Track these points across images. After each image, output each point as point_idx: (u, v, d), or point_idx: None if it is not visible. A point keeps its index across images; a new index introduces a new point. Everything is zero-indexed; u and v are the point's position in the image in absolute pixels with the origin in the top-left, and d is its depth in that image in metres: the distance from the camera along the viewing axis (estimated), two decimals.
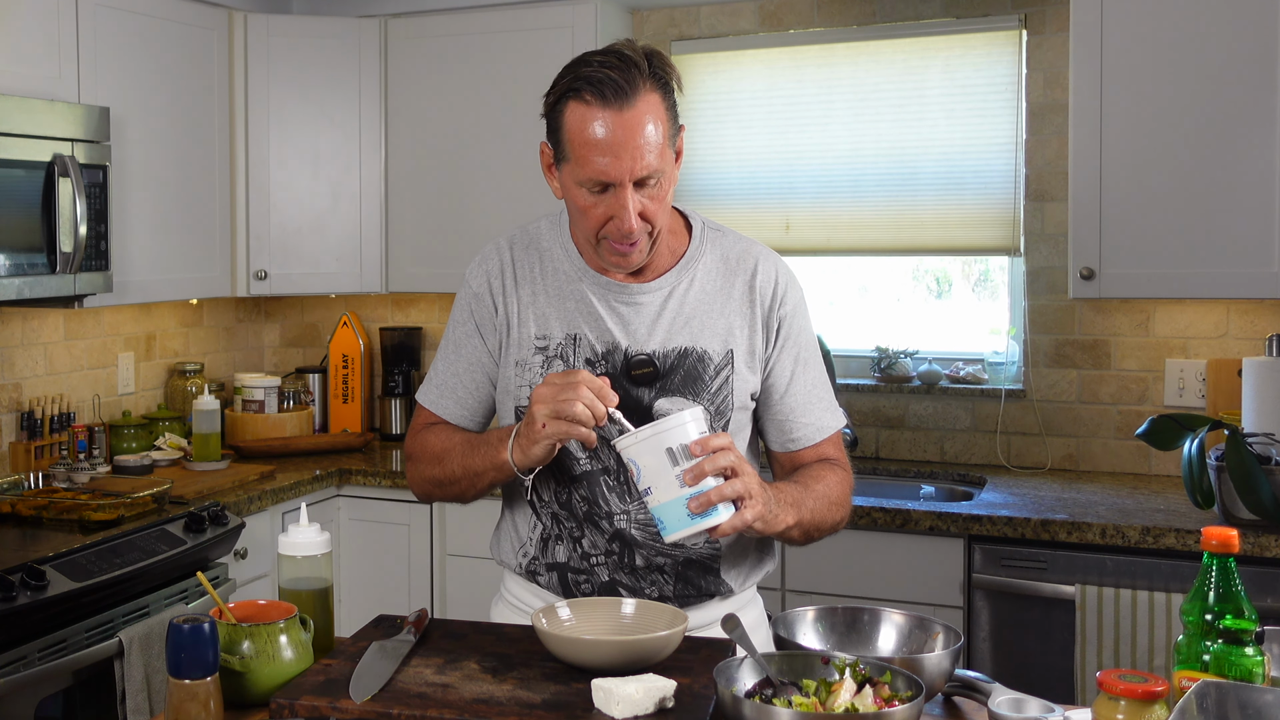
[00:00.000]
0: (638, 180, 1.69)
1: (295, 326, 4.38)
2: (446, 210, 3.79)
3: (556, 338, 1.83)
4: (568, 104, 1.69)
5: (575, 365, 1.82)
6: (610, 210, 1.71)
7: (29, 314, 3.33)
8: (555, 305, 1.85)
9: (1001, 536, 2.89)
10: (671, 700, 1.44)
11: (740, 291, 1.85)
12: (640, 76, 1.67)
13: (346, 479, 3.56)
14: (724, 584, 1.87)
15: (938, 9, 3.54)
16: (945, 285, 3.87)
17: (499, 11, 3.69)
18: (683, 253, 1.86)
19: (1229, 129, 2.94)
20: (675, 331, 1.82)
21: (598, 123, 1.66)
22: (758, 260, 1.88)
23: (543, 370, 1.83)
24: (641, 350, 1.81)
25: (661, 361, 1.80)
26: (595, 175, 1.68)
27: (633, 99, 1.66)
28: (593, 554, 1.83)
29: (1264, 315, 3.23)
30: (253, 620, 1.58)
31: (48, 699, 2.45)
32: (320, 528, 1.75)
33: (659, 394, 1.80)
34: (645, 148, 1.67)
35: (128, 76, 3.25)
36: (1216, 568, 1.43)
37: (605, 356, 1.81)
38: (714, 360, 1.82)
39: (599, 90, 1.66)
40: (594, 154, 1.67)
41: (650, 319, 1.82)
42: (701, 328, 1.82)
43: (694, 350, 1.81)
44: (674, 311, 1.82)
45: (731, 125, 3.79)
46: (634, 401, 1.80)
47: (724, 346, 1.82)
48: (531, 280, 1.87)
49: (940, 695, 1.60)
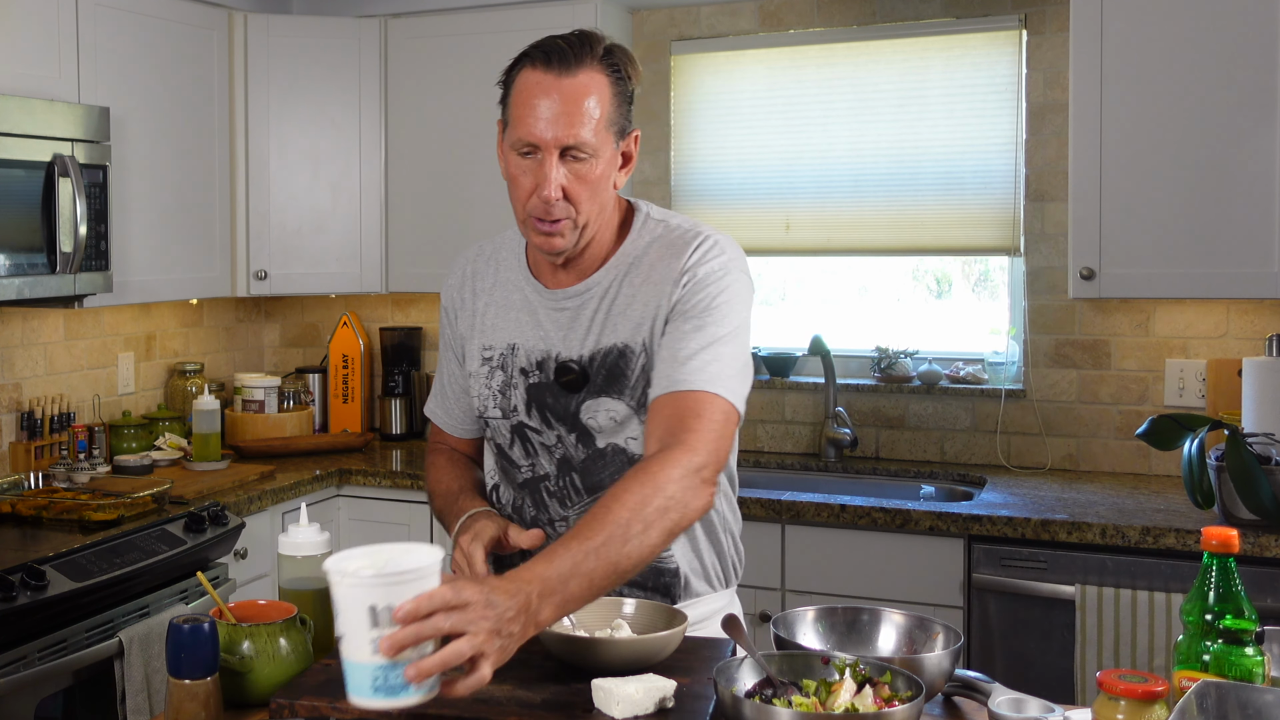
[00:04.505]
0: (566, 150, 1.67)
1: (295, 326, 4.38)
2: (446, 210, 3.79)
3: (499, 347, 1.86)
4: (520, 70, 1.72)
5: (512, 374, 1.83)
6: (535, 179, 1.69)
7: (29, 314, 3.33)
8: (503, 314, 1.87)
9: (1001, 536, 2.88)
10: (671, 700, 1.44)
11: (664, 276, 1.76)
12: (590, 54, 1.69)
13: (346, 479, 3.56)
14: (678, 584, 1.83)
15: (938, 9, 3.54)
16: (945, 285, 3.87)
17: (499, 11, 3.69)
18: (615, 250, 1.82)
19: (1229, 129, 2.94)
20: (600, 332, 1.78)
21: (537, 84, 1.68)
22: (690, 244, 1.77)
23: (487, 380, 1.86)
24: (570, 357, 1.79)
25: (589, 365, 1.78)
26: (525, 135, 1.68)
27: (576, 69, 1.68)
28: None
29: (1264, 315, 3.23)
30: (253, 620, 1.58)
31: (48, 699, 2.45)
32: (320, 528, 1.75)
33: (585, 397, 1.79)
34: (577, 117, 1.67)
35: (128, 76, 3.25)
36: (1216, 568, 1.43)
37: (539, 365, 1.82)
38: (634, 351, 1.77)
39: (546, 56, 1.69)
40: (528, 114, 1.68)
41: (571, 322, 1.80)
42: (625, 323, 1.77)
43: (616, 347, 1.78)
44: (604, 312, 1.79)
45: (731, 125, 3.79)
46: (564, 409, 1.80)
47: (638, 336, 1.76)
48: (488, 290, 1.90)
49: (940, 695, 1.60)
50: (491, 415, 1.86)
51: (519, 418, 1.83)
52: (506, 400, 1.84)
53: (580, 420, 1.79)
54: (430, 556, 1.28)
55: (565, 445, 1.82)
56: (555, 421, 1.81)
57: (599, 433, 1.79)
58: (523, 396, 1.83)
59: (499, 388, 1.85)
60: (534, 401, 1.82)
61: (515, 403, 1.83)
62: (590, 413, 1.79)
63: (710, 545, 1.87)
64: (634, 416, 1.79)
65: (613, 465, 1.81)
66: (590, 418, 1.79)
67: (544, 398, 1.81)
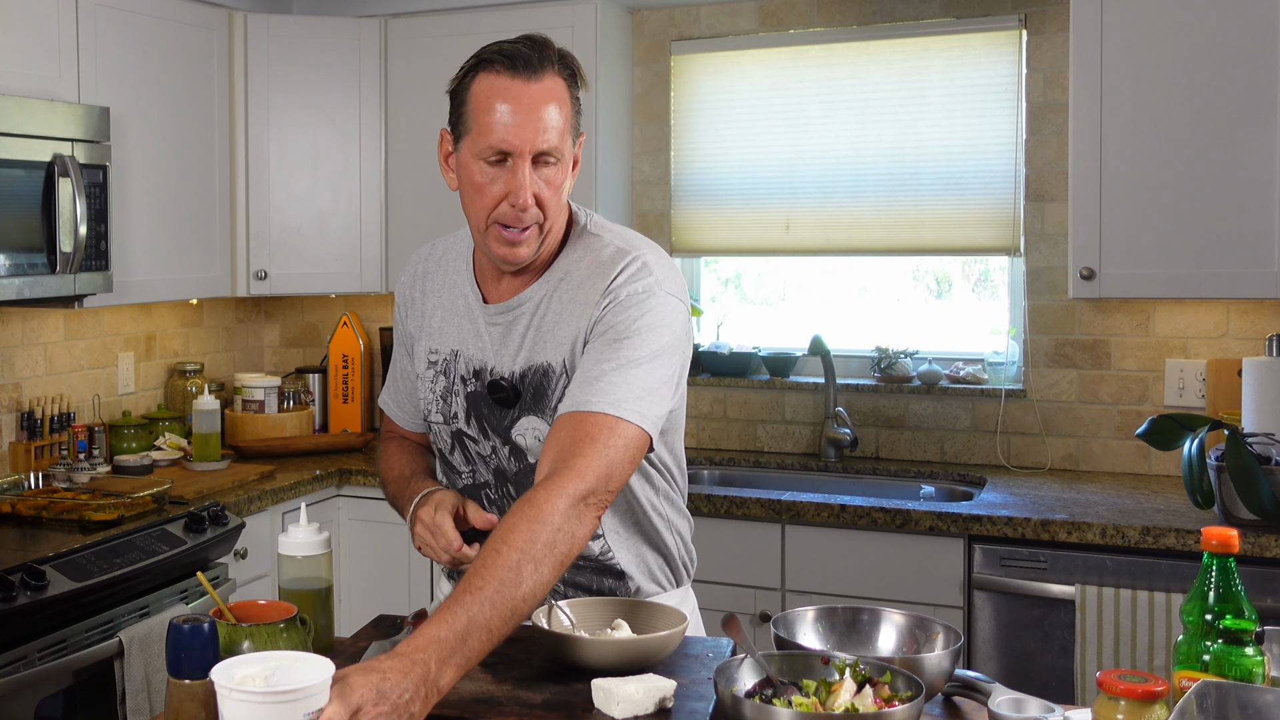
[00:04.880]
0: (537, 156, 1.66)
1: (295, 326, 4.38)
2: (446, 210, 3.77)
3: (443, 352, 1.85)
4: (476, 75, 1.69)
5: (454, 381, 1.83)
6: (507, 187, 1.67)
7: (29, 314, 3.33)
8: (448, 319, 1.86)
9: (1001, 536, 2.88)
10: (671, 700, 1.44)
11: (588, 297, 1.72)
12: (549, 58, 1.69)
13: (346, 479, 3.56)
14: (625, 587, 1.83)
15: (938, 9, 3.54)
16: (945, 285, 3.87)
17: (499, 11, 3.69)
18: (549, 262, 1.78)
19: (1229, 129, 2.94)
20: (530, 349, 1.77)
21: (505, 90, 1.66)
22: (617, 263, 1.72)
23: (431, 384, 1.86)
24: (501, 373, 1.79)
25: (518, 382, 1.77)
26: (496, 143, 1.66)
27: (540, 73, 1.67)
28: None
29: (1264, 315, 3.23)
30: (253, 620, 1.58)
31: (48, 699, 2.45)
32: (320, 528, 1.75)
33: (519, 414, 1.78)
34: (549, 122, 1.66)
35: (128, 76, 3.25)
36: (1216, 568, 1.43)
37: (476, 375, 1.81)
38: (555, 372, 1.74)
39: (509, 60, 1.67)
40: (498, 121, 1.65)
41: (505, 339, 1.79)
42: (552, 341, 1.75)
43: (541, 366, 1.76)
44: (535, 328, 1.76)
45: (732, 125, 3.79)
46: (498, 422, 1.80)
47: (560, 354, 1.74)
48: (436, 292, 1.89)
49: (940, 695, 1.60)
50: (434, 420, 1.87)
51: (458, 425, 1.83)
52: (448, 406, 1.84)
53: (511, 437, 1.79)
54: (321, 673, 1.26)
55: (499, 457, 1.82)
56: (491, 433, 1.81)
57: (528, 451, 1.79)
58: (463, 404, 1.82)
59: (441, 393, 1.85)
60: (473, 411, 1.82)
61: (455, 409, 1.83)
62: (520, 431, 1.78)
63: (653, 548, 1.86)
64: None
65: None
66: (520, 436, 1.78)
67: (480, 408, 1.81)
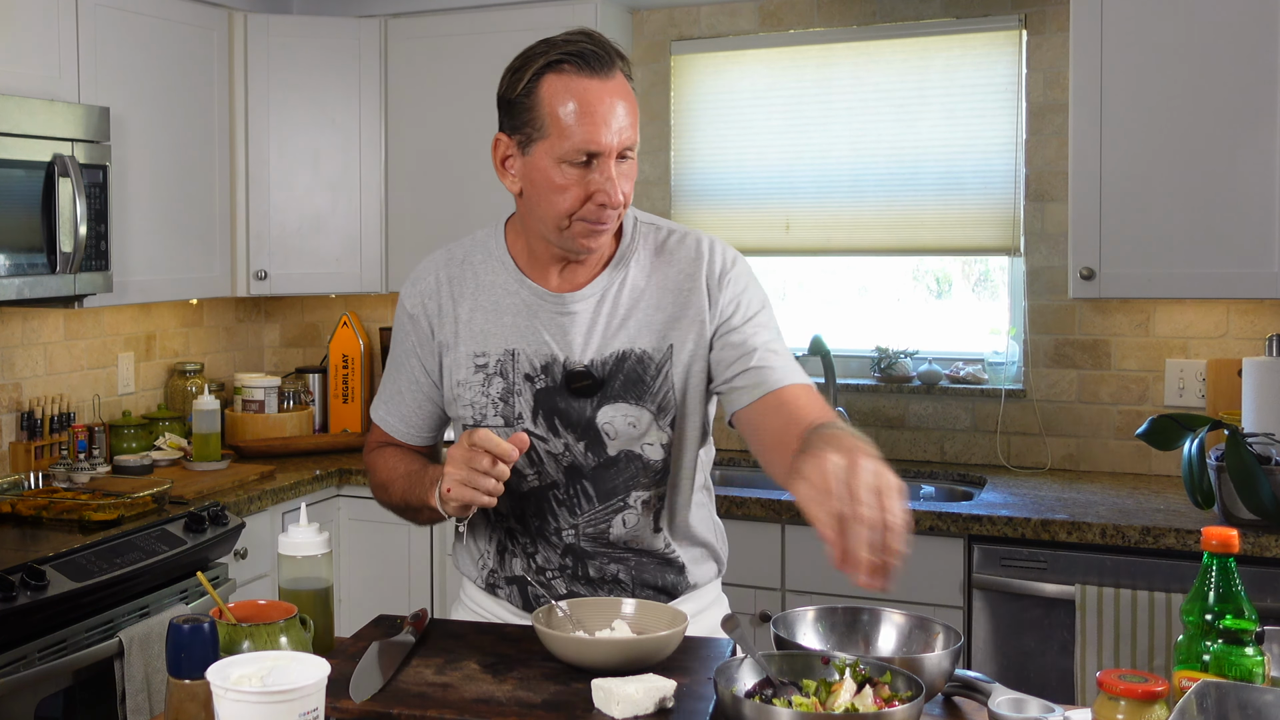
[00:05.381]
0: (620, 153, 1.66)
1: (295, 326, 4.38)
2: (446, 210, 3.79)
3: (494, 354, 1.80)
4: (544, 78, 1.65)
5: (514, 380, 1.79)
6: (593, 185, 1.66)
7: (29, 314, 3.33)
8: (492, 320, 1.81)
9: (1001, 536, 2.88)
10: (671, 700, 1.44)
11: (676, 282, 1.79)
12: (614, 55, 1.68)
13: (346, 479, 3.56)
14: (685, 581, 1.86)
15: (938, 9, 3.54)
16: (945, 285, 3.87)
17: (499, 11, 3.69)
18: (613, 253, 1.80)
19: (1229, 129, 2.94)
20: (610, 336, 1.77)
21: (584, 90, 1.63)
22: (693, 247, 1.81)
23: (483, 388, 1.80)
24: (579, 362, 1.77)
25: (600, 370, 1.77)
26: (582, 145, 1.63)
27: (612, 70, 1.66)
28: (547, 568, 1.83)
29: (1264, 315, 3.23)
30: (253, 620, 1.58)
31: (48, 699, 2.45)
32: (320, 528, 1.75)
33: (600, 403, 1.77)
34: (628, 115, 1.66)
35: (128, 76, 3.25)
36: (1216, 568, 1.43)
37: (544, 370, 1.78)
38: (654, 359, 1.77)
39: (580, 60, 1.64)
40: (581, 122, 1.63)
41: (585, 328, 1.77)
42: (639, 327, 1.77)
43: (632, 352, 1.77)
44: (608, 315, 1.77)
45: (732, 125, 3.79)
46: (577, 414, 1.77)
47: (663, 342, 1.77)
48: (470, 295, 1.83)
49: (940, 695, 1.60)
50: (491, 424, 1.80)
51: (523, 425, 1.79)
52: (509, 407, 1.79)
53: (596, 426, 1.77)
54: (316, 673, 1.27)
55: (573, 453, 1.79)
56: (564, 429, 1.78)
57: (614, 439, 1.78)
58: (529, 403, 1.79)
59: (499, 395, 1.80)
60: (542, 408, 1.78)
61: (520, 410, 1.79)
62: (606, 418, 1.76)
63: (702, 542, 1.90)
64: (654, 423, 1.78)
65: (626, 471, 1.79)
66: (606, 423, 1.77)
67: (554, 403, 1.78)
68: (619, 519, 1.81)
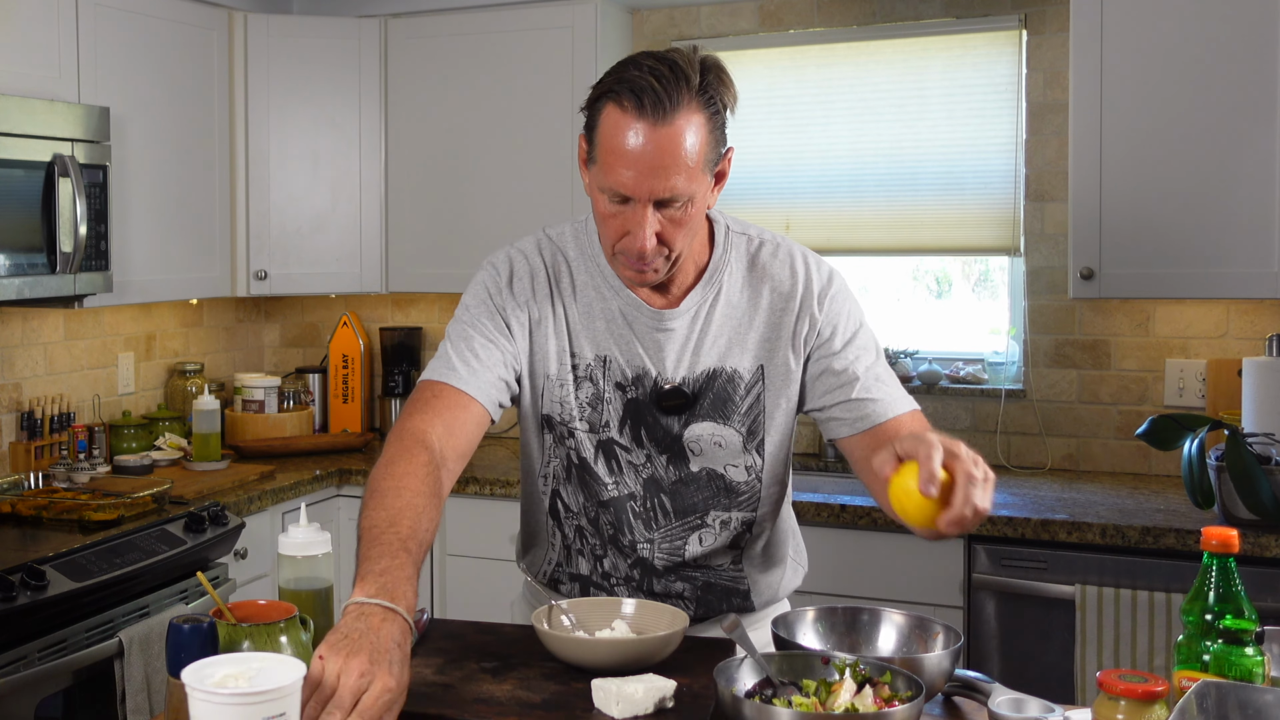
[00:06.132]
0: (660, 201, 1.59)
1: (295, 326, 4.38)
2: (446, 210, 3.79)
3: (586, 358, 1.76)
4: (606, 104, 1.59)
5: (604, 388, 1.75)
6: (627, 224, 1.62)
7: (29, 314, 3.33)
8: (585, 323, 1.76)
9: (1001, 536, 2.88)
10: (671, 700, 1.44)
11: (769, 300, 1.76)
12: (686, 91, 1.57)
13: (346, 479, 3.56)
14: (749, 604, 1.86)
15: (938, 9, 3.54)
16: (945, 285, 3.87)
17: (499, 11, 3.69)
18: (706, 264, 1.76)
19: (1229, 129, 2.94)
20: (703, 354, 1.74)
21: (630, 132, 1.56)
22: (787, 263, 1.77)
23: (575, 390, 1.76)
24: (670, 379, 1.74)
25: (691, 387, 1.74)
26: (616, 186, 1.59)
27: (671, 115, 1.56)
28: (613, 574, 1.83)
29: (1264, 315, 3.23)
30: (253, 620, 1.58)
31: (48, 699, 2.45)
32: (320, 528, 1.75)
33: (689, 420, 1.75)
34: (674, 168, 1.57)
35: (128, 76, 3.25)
36: (1216, 568, 1.43)
37: (635, 382, 1.75)
38: (744, 379, 1.75)
39: (638, 99, 1.55)
40: (619, 164, 1.57)
41: (679, 344, 1.74)
42: (729, 346, 1.75)
43: (723, 371, 1.74)
44: (701, 333, 1.74)
45: (731, 125, 3.76)
46: (664, 431, 1.75)
47: (754, 363, 1.75)
48: (569, 293, 1.77)
49: (940, 695, 1.60)
50: (577, 427, 1.76)
51: (609, 433, 1.76)
52: (597, 414, 1.76)
53: (681, 442, 1.75)
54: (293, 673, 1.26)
55: (654, 465, 1.77)
56: (648, 441, 1.76)
57: (698, 455, 1.76)
58: (617, 412, 1.75)
59: (588, 400, 1.76)
60: (629, 418, 1.75)
61: (607, 418, 1.76)
62: (693, 436, 1.75)
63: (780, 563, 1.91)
64: (743, 445, 1.76)
65: (706, 490, 1.78)
66: (693, 442, 1.75)
67: (643, 416, 1.75)
68: (695, 537, 1.79)
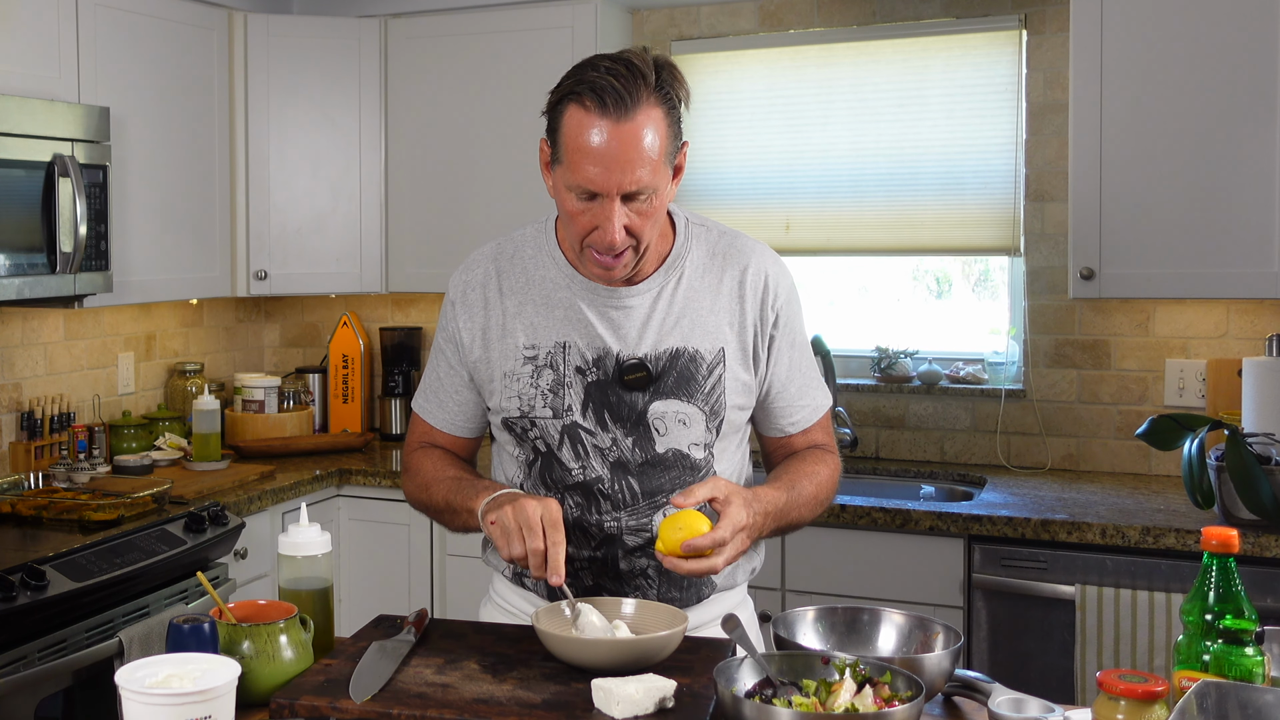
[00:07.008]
0: (626, 194, 1.66)
1: (295, 326, 4.38)
2: (446, 210, 3.79)
3: (545, 346, 1.81)
4: (568, 106, 1.66)
5: (565, 373, 1.80)
6: (596, 220, 1.68)
7: (29, 314, 3.33)
8: (543, 314, 1.82)
9: (1001, 536, 2.89)
10: (671, 700, 1.44)
11: (729, 287, 1.83)
12: (645, 88, 1.64)
13: (346, 479, 3.56)
14: (710, 582, 1.87)
15: (938, 9, 3.54)
16: (945, 285, 3.87)
17: (499, 11, 3.69)
18: (668, 252, 1.83)
19: (1229, 129, 2.94)
20: (666, 333, 1.80)
21: (594, 130, 1.63)
22: (746, 254, 1.86)
23: (532, 380, 1.81)
24: (633, 355, 1.79)
25: (654, 365, 1.79)
26: (584, 183, 1.66)
27: (632, 111, 1.63)
28: (576, 558, 1.83)
29: (1264, 315, 3.23)
30: (253, 620, 1.58)
31: (48, 699, 2.45)
32: (320, 528, 1.75)
33: (653, 398, 1.79)
34: (638, 162, 1.64)
35: (128, 76, 3.25)
36: (1216, 568, 1.43)
37: (596, 363, 1.79)
38: (706, 359, 1.80)
39: (599, 97, 1.62)
40: (585, 162, 1.64)
41: (640, 322, 1.80)
42: (692, 327, 1.80)
43: (685, 350, 1.80)
44: (663, 312, 1.80)
45: (732, 125, 3.79)
46: (629, 409, 1.78)
47: (715, 344, 1.81)
48: (520, 290, 1.84)
49: (940, 695, 1.60)
50: (539, 415, 1.81)
51: (573, 418, 1.80)
52: (559, 399, 1.80)
53: (646, 420, 1.78)
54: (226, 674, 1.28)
55: (620, 448, 1.79)
56: (612, 423, 1.79)
57: (663, 434, 1.79)
58: (579, 396, 1.79)
59: (549, 387, 1.80)
60: (592, 400, 1.79)
61: (569, 402, 1.80)
62: (657, 414, 1.78)
63: None
64: (704, 422, 1.80)
65: (674, 469, 1.80)
66: (657, 419, 1.78)
67: (605, 397, 1.79)
68: (660, 514, 1.81)
